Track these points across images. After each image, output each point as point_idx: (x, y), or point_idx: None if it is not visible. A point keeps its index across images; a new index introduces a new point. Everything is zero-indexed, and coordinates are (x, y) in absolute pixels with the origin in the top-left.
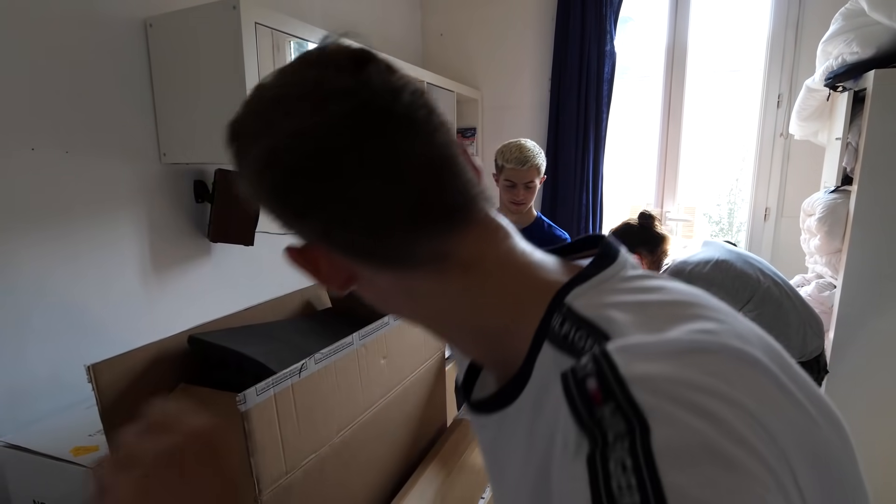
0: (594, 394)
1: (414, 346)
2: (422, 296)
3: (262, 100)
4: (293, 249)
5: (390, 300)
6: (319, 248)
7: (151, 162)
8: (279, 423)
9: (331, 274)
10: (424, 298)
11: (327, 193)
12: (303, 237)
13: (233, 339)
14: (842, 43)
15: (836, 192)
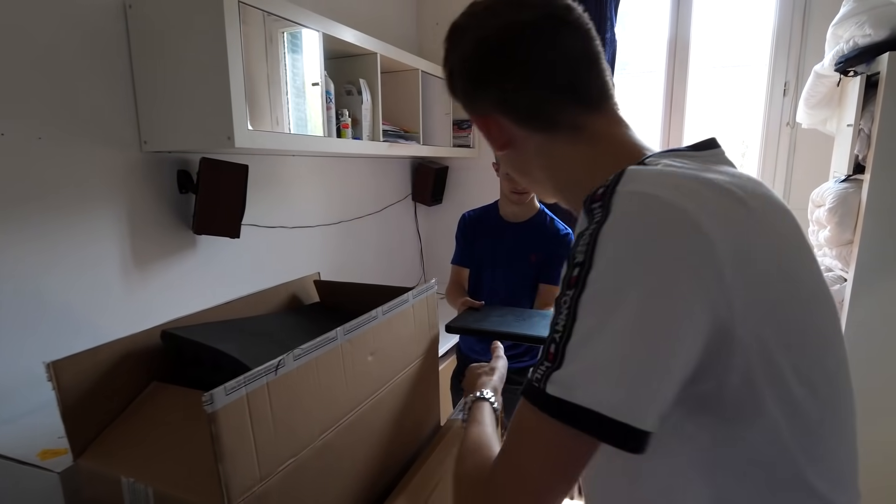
0: (597, 196)
1: (404, 342)
2: (555, 157)
3: (476, 6)
4: (475, 116)
5: (530, 161)
6: (494, 117)
7: (131, 150)
8: (252, 425)
9: (498, 136)
10: (557, 159)
11: (513, 70)
12: (483, 109)
13: (209, 334)
14: (853, 25)
15: (847, 181)
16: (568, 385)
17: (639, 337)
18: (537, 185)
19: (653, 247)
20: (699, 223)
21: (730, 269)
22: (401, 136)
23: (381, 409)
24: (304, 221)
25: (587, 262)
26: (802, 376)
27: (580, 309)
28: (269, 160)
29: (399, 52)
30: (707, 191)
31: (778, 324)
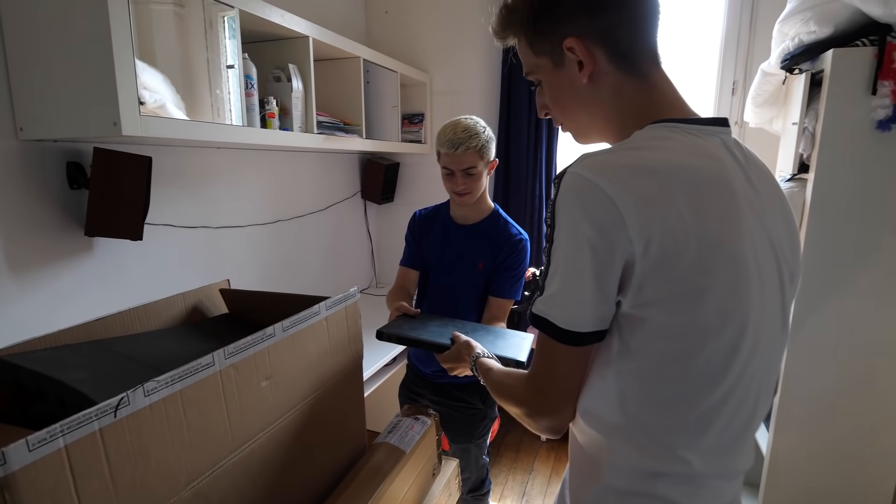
0: (557, 176)
1: (313, 362)
2: (623, 96)
3: None
4: (572, 38)
5: (599, 94)
6: (587, 41)
7: (5, 138)
8: (75, 486)
9: (588, 57)
10: (622, 96)
11: (625, 4)
12: (577, 32)
13: (58, 361)
14: (798, 22)
15: (792, 180)
16: (544, 305)
17: (571, 267)
18: (592, 125)
19: (573, 210)
20: (608, 191)
21: (627, 222)
22: (340, 128)
23: (281, 442)
24: (231, 221)
25: (553, 221)
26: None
27: (552, 256)
28: (190, 151)
29: (337, 38)
30: (628, 173)
31: (670, 273)
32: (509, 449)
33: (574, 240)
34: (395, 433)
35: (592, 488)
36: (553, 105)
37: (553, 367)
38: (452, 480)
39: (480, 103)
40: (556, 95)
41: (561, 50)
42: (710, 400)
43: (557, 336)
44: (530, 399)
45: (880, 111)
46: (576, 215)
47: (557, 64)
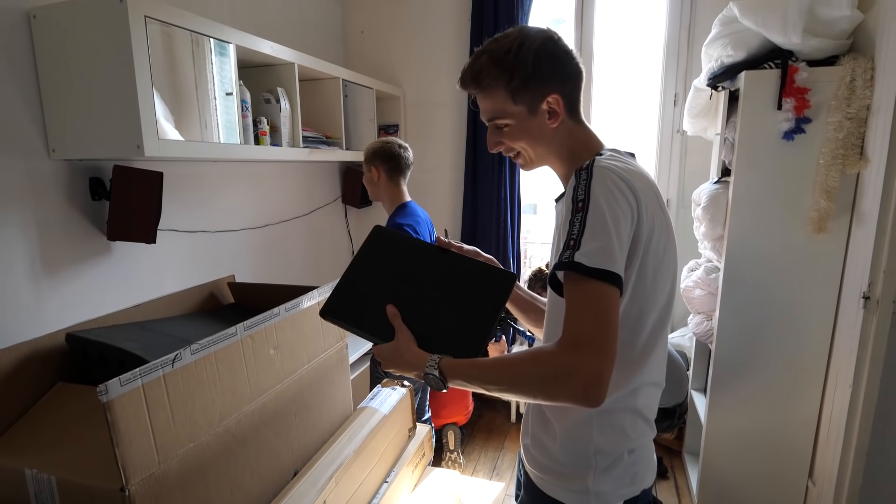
0: (583, 168)
1: (309, 337)
2: (572, 136)
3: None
4: (554, 96)
5: (557, 136)
6: (555, 96)
7: (39, 158)
8: (149, 413)
9: (560, 108)
10: (572, 136)
11: (571, 72)
12: (550, 92)
13: (114, 335)
14: (720, 46)
15: (718, 182)
16: (587, 256)
17: (612, 230)
18: (547, 156)
19: (612, 192)
20: (631, 185)
21: (641, 208)
22: (322, 142)
23: (286, 398)
24: (227, 225)
25: (587, 198)
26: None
27: (588, 219)
28: (191, 165)
29: (318, 62)
30: (635, 171)
31: (651, 248)
32: (482, 430)
33: (611, 208)
34: (376, 399)
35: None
36: (513, 142)
37: (604, 311)
38: (426, 442)
39: (449, 114)
40: (524, 135)
41: (540, 102)
42: (661, 334)
43: (609, 279)
44: (575, 357)
45: (784, 124)
46: (613, 192)
47: (532, 112)
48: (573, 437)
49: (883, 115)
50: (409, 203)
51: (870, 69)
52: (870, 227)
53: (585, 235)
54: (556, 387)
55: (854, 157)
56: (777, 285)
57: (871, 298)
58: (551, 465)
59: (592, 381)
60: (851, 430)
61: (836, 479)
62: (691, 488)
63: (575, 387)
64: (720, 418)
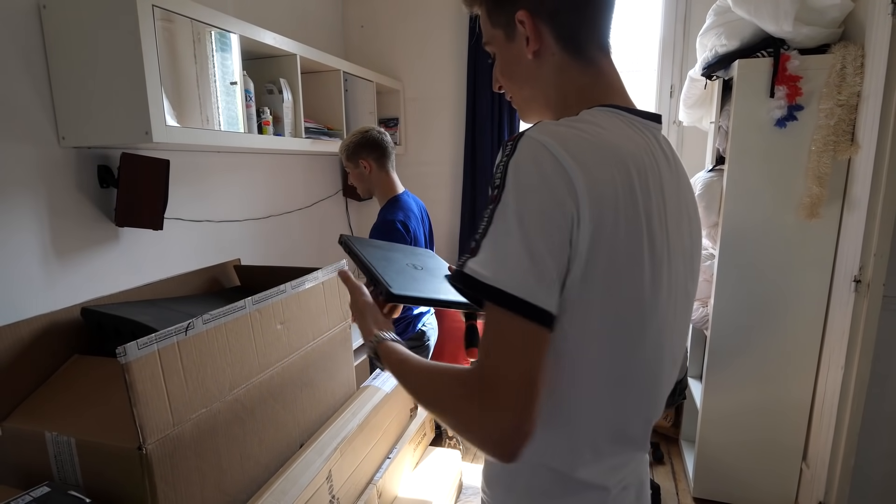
0: (510, 139)
1: (314, 315)
2: (565, 77)
3: None
4: (523, 12)
5: (542, 72)
6: (536, 18)
7: (49, 146)
8: (164, 377)
9: (535, 40)
10: (564, 77)
11: None
12: (529, 8)
13: (127, 310)
14: (714, 36)
15: (712, 170)
16: (483, 265)
17: (524, 236)
18: (533, 100)
19: (533, 179)
20: (571, 168)
21: (581, 203)
22: (324, 133)
23: (292, 372)
24: (230, 216)
25: (502, 184)
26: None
27: (496, 216)
28: (196, 155)
29: (320, 54)
30: (601, 144)
31: (607, 243)
32: None
33: (528, 204)
34: (378, 379)
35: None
36: (502, 77)
37: (518, 355)
38: (427, 423)
39: (450, 108)
40: (504, 68)
41: (514, 22)
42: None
43: (517, 308)
44: (483, 402)
45: (777, 111)
46: (534, 179)
47: (509, 36)
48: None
49: (873, 102)
50: (400, 195)
51: (860, 57)
52: (861, 212)
53: (487, 239)
54: (464, 433)
55: (845, 143)
56: (771, 271)
57: (862, 282)
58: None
59: (504, 436)
60: (843, 412)
61: (829, 460)
62: (687, 472)
63: (484, 439)
64: (716, 403)
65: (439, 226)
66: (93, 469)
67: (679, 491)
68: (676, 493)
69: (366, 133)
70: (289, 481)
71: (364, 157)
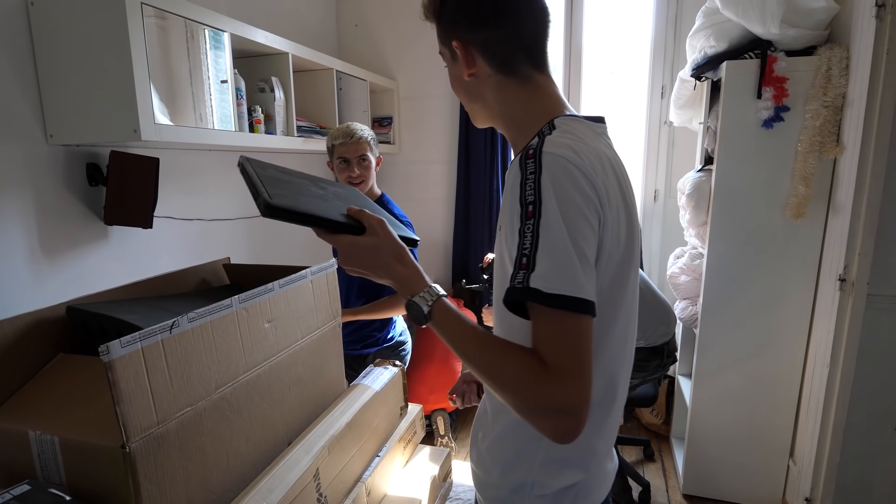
0: (529, 155)
1: (303, 313)
2: (505, 94)
3: None
4: (456, 42)
5: (483, 91)
6: (471, 50)
7: (37, 143)
8: (148, 375)
9: (470, 65)
10: (506, 96)
11: (503, 19)
12: (465, 40)
13: (113, 308)
14: (703, 37)
15: (701, 171)
16: (545, 279)
17: (572, 244)
18: (481, 110)
19: (568, 190)
20: (592, 176)
21: (604, 206)
22: (316, 131)
23: (279, 371)
24: (222, 214)
25: (538, 200)
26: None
27: (542, 231)
28: (187, 153)
29: (312, 53)
30: (593, 151)
31: (614, 240)
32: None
33: (569, 214)
34: (368, 377)
35: None
36: (454, 89)
37: (577, 342)
38: (418, 421)
39: (445, 107)
40: (452, 81)
41: (451, 49)
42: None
43: (574, 306)
44: (560, 389)
45: (764, 112)
46: (568, 190)
47: (453, 57)
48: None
49: (857, 104)
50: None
51: (845, 59)
52: (845, 212)
53: (540, 252)
54: (533, 411)
55: (831, 143)
56: (758, 269)
57: (847, 281)
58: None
59: (574, 420)
60: (829, 409)
61: (815, 456)
62: (677, 469)
63: (555, 421)
64: (705, 400)
65: (433, 224)
66: (77, 468)
67: (669, 488)
68: (667, 490)
69: (362, 125)
70: (275, 479)
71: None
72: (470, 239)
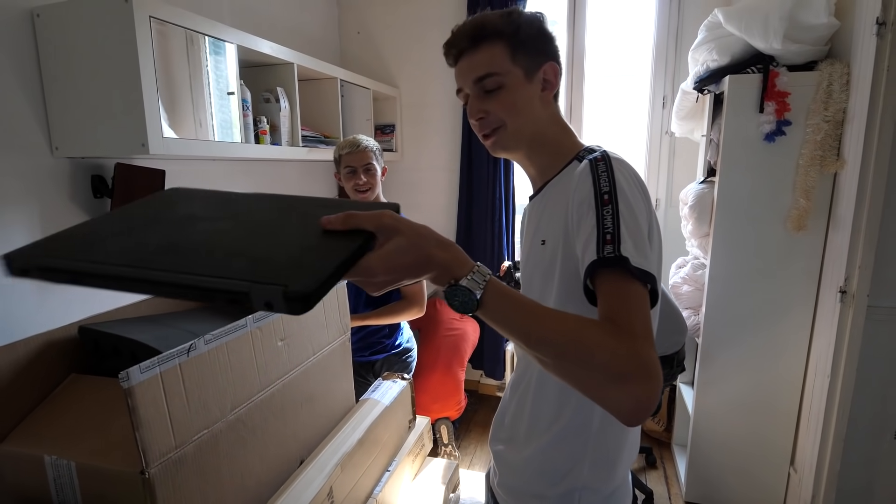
0: (599, 158)
1: (313, 330)
2: (556, 120)
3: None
4: (553, 63)
5: (545, 110)
6: (554, 65)
7: (42, 156)
8: (166, 399)
9: (552, 79)
10: (556, 121)
11: (555, 45)
12: (545, 56)
13: (125, 327)
14: (705, 51)
15: (704, 182)
16: (630, 253)
17: (643, 228)
18: (529, 136)
19: (633, 187)
20: (635, 175)
21: (647, 192)
22: (321, 141)
23: (292, 389)
24: None
25: (613, 190)
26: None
27: (620, 213)
28: (191, 163)
29: (316, 62)
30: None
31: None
32: (478, 425)
33: (638, 204)
34: (377, 391)
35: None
36: (508, 109)
37: (650, 320)
38: (426, 434)
39: (445, 114)
40: (515, 101)
41: (538, 68)
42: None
43: (649, 281)
44: (636, 349)
45: (766, 126)
46: (633, 187)
47: (528, 77)
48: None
49: (858, 119)
50: None
51: (846, 74)
52: (846, 225)
53: (623, 231)
54: (616, 378)
55: (831, 158)
56: (760, 280)
57: (848, 293)
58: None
59: (655, 385)
60: (830, 418)
61: (816, 464)
62: (679, 477)
63: (640, 385)
64: (707, 409)
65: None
66: (94, 492)
67: (671, 495)
68: (669, 498)
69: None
70: (290, 498)
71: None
72: (472, 246)
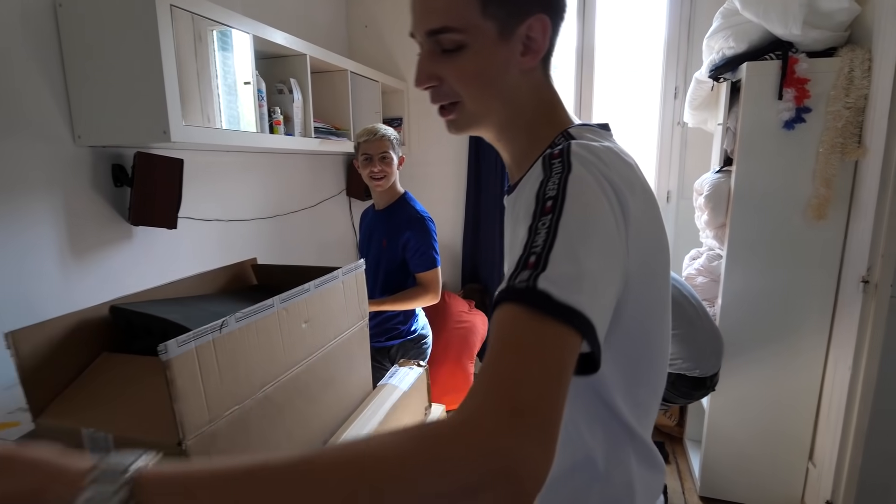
0: (555, 155)
1: (335, 313)
2: (536, 90)
3: None
4: (542, 16)
5: (523, 81)
6: (548, 28)
7: (65, 144)
8: (201, 374)
9: (538, 37)
10: (536, 93)
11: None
12: (529, 6)
13: (156, 308)
14: (721, 38)
15: (720, 172)
16: (555, 283)
17: (595, 247)
18: (499, 114)
19: (596, 193)
20: (618, 186)
21: (626, 203)
22: (332, 133)
23: (315, 371)
24: (239, 215)
25: (560, 196)
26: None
27: (561, 227)
28: (205, 155)
29: (328, 54)
30: (618, 157)
31: (639, 248)
32: None
33: (593, 216)
34: (395, 377)
35: None
36: (467, 81)
37: (560, 370)
38: None
39: None
40: (482, 69)
41: (518, 23)
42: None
43: (578, 322)
44: (514, 439)
45: (785, 113)
46: (597, 194)
47: (503, 35)
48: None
49: (880, 105)
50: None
51: (867, 60)
52: (868, 213)
53: (556, 250)
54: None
55: (852, 145)
56: (778, 271)
57: (870, 283)
58: None
59: (534, 480)
60: (851, 412)
61: (836, 460)
62: (693, 472)
63: (511, 488)
64: (723, 402)
65: (443, 225)
66: None
67: (685, 490)
68: (683, 493)
69: (384, 125)
70: None
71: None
72: (480, 240)
